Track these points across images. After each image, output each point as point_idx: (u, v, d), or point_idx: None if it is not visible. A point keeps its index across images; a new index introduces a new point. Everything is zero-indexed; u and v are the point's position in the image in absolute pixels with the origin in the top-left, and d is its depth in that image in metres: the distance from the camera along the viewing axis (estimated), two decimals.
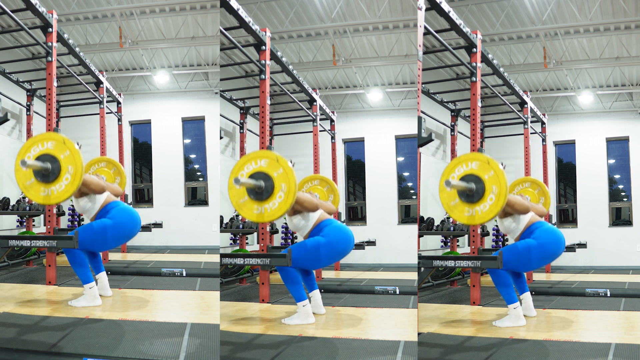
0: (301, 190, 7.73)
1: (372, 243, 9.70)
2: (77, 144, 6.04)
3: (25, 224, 9.36)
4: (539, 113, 10.17)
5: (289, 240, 10.19)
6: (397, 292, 7.03)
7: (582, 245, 10.95)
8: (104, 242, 5.66)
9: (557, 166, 12.17)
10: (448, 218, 9.51)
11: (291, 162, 5.84)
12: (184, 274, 7.27)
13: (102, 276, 6.01)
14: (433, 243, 10.46)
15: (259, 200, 5.20)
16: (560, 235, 5.77)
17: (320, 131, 9.47)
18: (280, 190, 5.13)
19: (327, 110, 9.86)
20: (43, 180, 5.17)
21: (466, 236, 9.45)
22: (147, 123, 11.64)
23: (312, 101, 9.27)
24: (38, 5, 6.72)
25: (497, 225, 10.90)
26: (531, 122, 9.83)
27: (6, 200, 9.06)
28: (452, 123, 9.91)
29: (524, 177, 7.31)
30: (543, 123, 10.46)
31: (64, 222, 10.36)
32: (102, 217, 5.67)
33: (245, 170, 5.23)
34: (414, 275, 8.82)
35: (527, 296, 6.03)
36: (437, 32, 6.68)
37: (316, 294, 5.87)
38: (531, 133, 9.70)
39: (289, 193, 5.11)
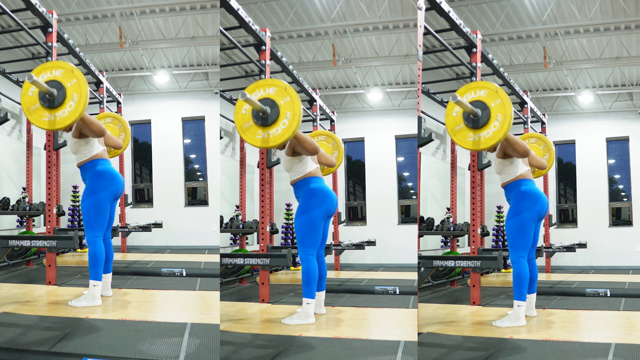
0: None
1: (372, 243, 9.70)
2: None
3: (25, 224, 9.36)
4: (539, 113, 10.17)
5: (289, 241, 10.20)
6: (397, 292, 7.03)
7: (582, 245, 10.95)
8: (104, 208, 5.62)
9: (557, 166, 12.18)
10: (448, 218, 9.51)
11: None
12: (184, 274, 7.27)
13: (107, 277, 6.00)
14: (433, 243, 10.46)
15: (263, 126, 5.21)
16: (541, 194, 5.73)
17: None
18: (284, 117, 5.15)
19: (327, 110, 9.86)
20: (48, 105, 5.22)
21: (466, 236, 9.46)
22: (147, 123, 11.65)
23: (312, 101, 9.27)
24: (38, 5, 6.72)
25: (496, 225, 10.90)
26: (531, 122, 9.83)
27: (6, 200, 9.06)
28: None
29: (530, 133, 7.22)
30: (543, 123, 10.47)
31: (64, 222, 10.37)
32: (88, 178, 5.62)
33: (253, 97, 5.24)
34: (414, 275, 8.82)
35: (532, 297, 6.03)
36: (437, 32, 6.69)
37: (321, 295, 5.87)
38: None
39: (293, 120, 5.12)
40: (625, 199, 12.08)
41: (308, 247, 5.57)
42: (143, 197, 11.68)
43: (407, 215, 11.43)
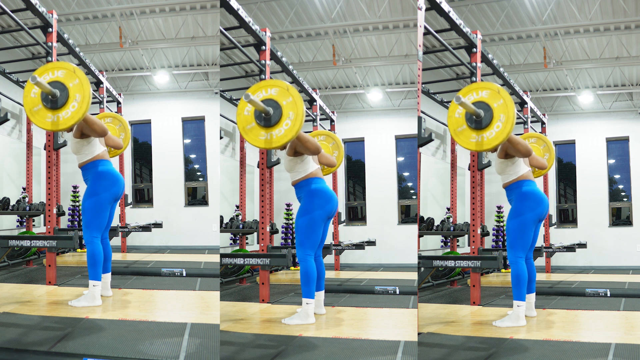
0: None
1: (372, 243, 9.70)
2: None
3: (25, 224, 9.36)
4: (539, 113, 10.17)
5: (289, 241, 10.20)
6: (397, 292, 7.03)
7: (582, 245, 10.95)
8: (104, 209, 5.62)
9: (557, 166, 12.18)
10: (448, 218, 9.51)
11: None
12: (184, 274, 7.27)
13: (107, 277, 6.00)
14: (433, 243, 10.47)
15: (266, 127, 5.22)
16: (543, 196, 5.73)
17: None
18: (287, 117, 5.15)
19: (327, 110, 9.86)
20: (51, 106, 5.21)
21: (466, 236, 9.46)
22: (147, 123, 11.65)
23: (312, 101, 9.27)
24: (38, 5, 6.72)
25: (496, 225, 10.90)
26: (531, 122, 9.83)
27: (6, 200, 9.06)
28: None
29: (530, 133, 7.24)
30: (543, 123, 10.47)
31: (64, 222, 10.37)
32: (89, 179, 5.62)
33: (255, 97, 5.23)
34: (414, 275, 8.82)
35: (531, 297, 6.03)
36: (437, 32, 6.68)
37: (320, 295, 5.87)
38: None
39: (295, 121, 5.12)
40: (625, 199, 12.08)
41: (307, 247, 5.57)
42: (143, 197, 11.68)
43: (407, 215, 11.43)
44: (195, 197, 11.63)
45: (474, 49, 6.94)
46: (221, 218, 9.48)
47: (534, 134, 7.09)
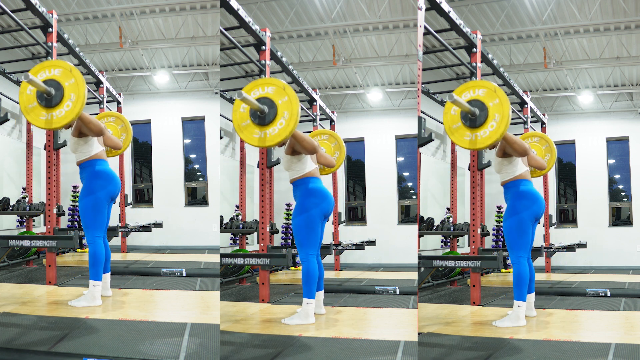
0: None
1: (372, 243, 9.70)
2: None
3: (25, 224, 9.36)
4: (539, 113, 10.17)
5: (289, 241, 10.20)
6: (397, 292, 7.03)
7: (582, 245, 10.95)
8: (102, 207, 5.62)
9: (557, 166, 12.17)
10: (448, 218, 9.51)
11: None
12: (184, 274, 7.27)
13: (106, 277, 6.00)
14: (433, 243, 10.46)
15: (260, 125, 5.21)
16: (538, 195, 5.72)
17: None
18: (282, 117, 5.14)
19: (327, 110, 9.86)
20: (45, 104, 5.22)
21: (466, 236, 9.46)
22: (147, 123, 11.65)
23: (312, 101, 9.27)
24: (38, 5, 6.72)
25: (496, 225, 10.90)
26: (531, 122, 9.83)
27: (6, 200, 9.06)
28: None
29: (532, 132, 7.20)
30: (543, 123, 10.47)
31: (64, 222, 10.37)
32: (85, 178, 5.63)
33: (251, 95, 5.24)
34: (414, 275, 8.82)
35: (531, 297, 6.03)
36: (437, 32, 6.69)
37: (320, 295, 5.87)
38: None
39: (290, 120, 5.12)
40: (625, 199, 12.08)
41: (308, 247, 5.57)
42: (143, 197, 11.68)
43: (407, 215, 11.43)
44: (195, 197, 11.63)
45: (474, 49, 6.94)
46: (221, 218, 9.48)
47: (536, 133, 7.07)
